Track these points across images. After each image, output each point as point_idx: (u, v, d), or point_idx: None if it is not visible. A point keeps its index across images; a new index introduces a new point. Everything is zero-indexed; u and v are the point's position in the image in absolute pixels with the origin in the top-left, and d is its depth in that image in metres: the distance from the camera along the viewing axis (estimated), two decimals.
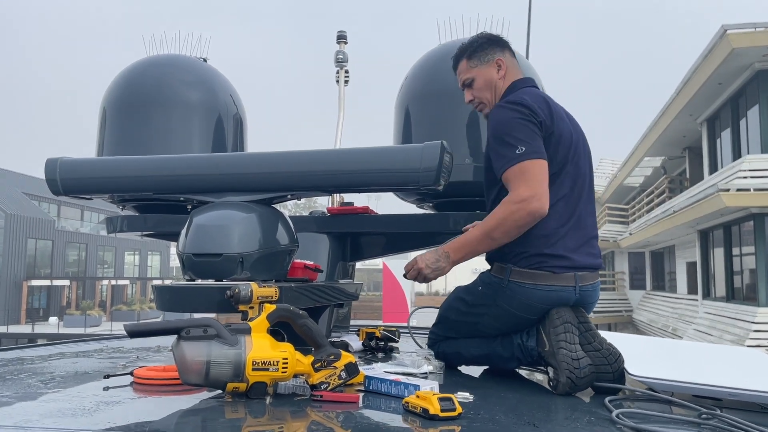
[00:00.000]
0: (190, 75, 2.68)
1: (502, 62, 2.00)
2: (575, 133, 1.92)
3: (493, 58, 2.00)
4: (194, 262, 1.74)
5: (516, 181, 1.76)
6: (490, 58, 2.00)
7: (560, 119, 1.87)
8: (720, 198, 12.79)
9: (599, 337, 1.73)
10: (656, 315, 20.77)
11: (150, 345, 2.44)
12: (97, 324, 27.66)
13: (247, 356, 1.36)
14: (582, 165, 1.90)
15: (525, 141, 1.78)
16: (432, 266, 1.86)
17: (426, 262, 1.87)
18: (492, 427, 1.22)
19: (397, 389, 1.45)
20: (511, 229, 1.76)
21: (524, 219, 1.74)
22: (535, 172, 1.76)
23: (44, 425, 1.16)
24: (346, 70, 3.27)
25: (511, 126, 1.80)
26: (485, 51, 2.01)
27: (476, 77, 2.00)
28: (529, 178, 1.75)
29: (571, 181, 1.85)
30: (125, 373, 1.65)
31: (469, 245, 1.83)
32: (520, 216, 1.74)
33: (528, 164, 1.76)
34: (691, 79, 14.75)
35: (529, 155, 1.76)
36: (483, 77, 2.00)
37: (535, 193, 1.73)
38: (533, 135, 1.79)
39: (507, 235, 1.77)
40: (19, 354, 2.25)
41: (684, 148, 20.09)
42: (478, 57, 2.01)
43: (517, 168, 1.76)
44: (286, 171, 1.89)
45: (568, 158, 1.85)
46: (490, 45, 2.02)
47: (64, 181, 1.99)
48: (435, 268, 1.86)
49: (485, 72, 2.00)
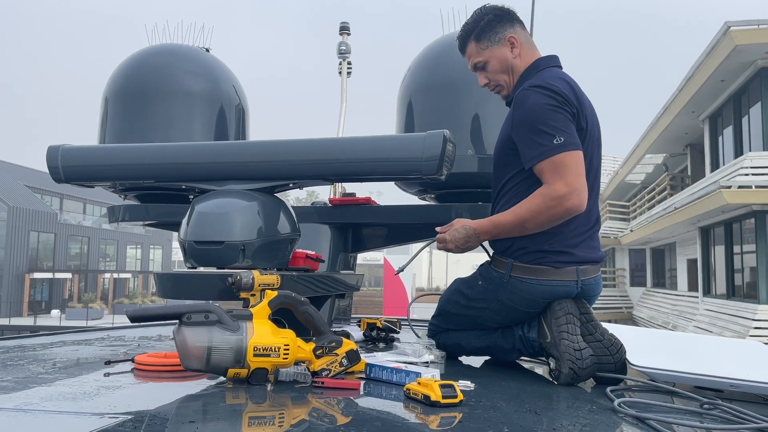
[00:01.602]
0: (192, 64, 2.67)
1: (515, 39, 1.88)
2: (596, 124, 1.86)
3: (504, 35, 1.88)
4: (196, 249, 1.74)
5: (553, 173, 1.69)
6: (501, 36, 1.88)
7: (587, 108, 1.80)
8: (721, 195, 12.77)
9: (601, 328, 1.72)
10: (656, 312, 20.77)
11: (151, 334, 2.44)
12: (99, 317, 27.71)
13: (248, 342, 1.36)
14: (595, 158, 1.85)
15: (562, 130, 1.69)
16: (461, 246, 1.85)
17: (456, 242, 1.85)
18: (493, 414, 1.22)
19: (398, 377, 1.45)
20: (545, 222, 1.72)
21: (560, 215, 1.70)
22: (573, 165, 1.69)
23: (45, 408, 1.16)
24: (348, 62, 3.26)
25: (546, 113, 1.70)
26: (494, 29, 1.88)
27: (489, 60, 1.89)
28: (567, 173, 1.68)
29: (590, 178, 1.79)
30: (126, 360, 1.65)
31: (498, 228, 1.79)
32: (556, 212, 1.69)
33: (567, 156, 1.68)
34: (694, 76, 14.72)
35: (567, 146, 1.68)
36: (497, 59, 1.88)
37: (574, 189, 1.67)
38: (569, 124, 1.71)
39: (539, 227, 1.73)
40: (20, 342, 2.25)
41: (686, 145, 20.06)
42: (487, 37, 1.89)
43: (554, 160, 1.68)
44: (288, 159, 1.88)
45: (588, 152, 1.78)
46: (498, 22, 1.89)
47: (65, 169, 1.98)
48: (463, 248, 1.85)
49: (498, 53, 1.88)
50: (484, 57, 1.91)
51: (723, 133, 15.96)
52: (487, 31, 1.89)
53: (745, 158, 13.22)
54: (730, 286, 15.31)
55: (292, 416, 1.21)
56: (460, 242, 1.85)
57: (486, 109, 2.40)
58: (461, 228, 1.85)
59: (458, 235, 1.85)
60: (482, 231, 1.82)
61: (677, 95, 16.10)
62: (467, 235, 1.83)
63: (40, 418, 1.09)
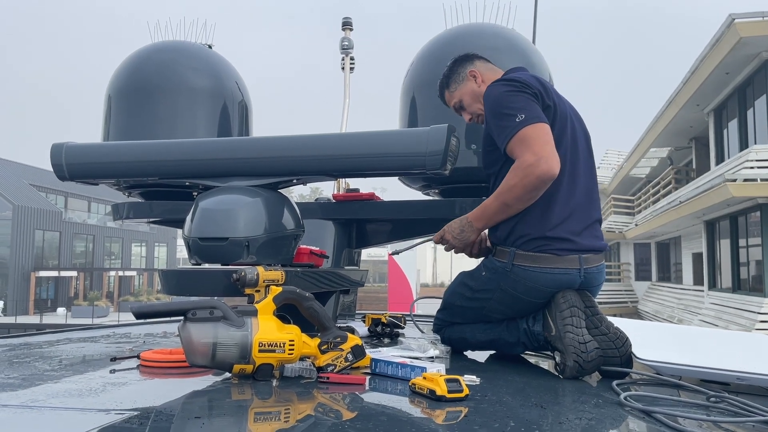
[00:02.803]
0: (196, 61, 2.67)
1: (476, 72, 2.05)
2: (572, 112, 1.94)
3: (465, 73, 2.06)
4: (200, 246, 1.74)
5: (520, 148, 1.75)
6: (463, 75, 2.07)
7: (555, 94, 1.90)
8: (726, 188, 12.73)
9: (606, 321, 1.72)
10: (662, 306, 20.74)
11: (156, 331, 2.45)
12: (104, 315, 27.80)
13: (253, 338, 1.36)
14: (580, 146, 1.89)
15: (523, 108, 1.78)
16: (458, 237, 1.92)
17: (452, 233, 1.93)
18: (499, 409, 1.22)
19: (403, 371, 1.44)
20: (523, 195, 1.75)
21: (533, 183, 1.73)
22: (537, 135, 1.75)
23: (51, 405, 1.17)
24: (351, 57, 3.26)
25: (505, 98, 1.82)
26: (456, 72, 2.08)
27: (462, 97, 2.07)
28: (533, 143, 1.74)
29: (570, 158, 1.84)
30: (132, 356, 1.66)
31: (486, 214, 1.85)
32: (529, 181, 1.73)
33: (529, 129, 1.75)
34: (699, 68, 14.65)
35: (529, 120, 1.76)
36: (466, 94, 2.06)
37: (540, 156, 1.72)
38: (530, 103, 1.80)
39: (521, 201, 1.77)
40: (26, 340, 2.26)
41: (691, 139, 19.99)
42: (453, 80, 2.09)
43: (519, 135, 1.76)
44: (291, 155, 1.88)
45: (566, 134, 1.85)
46: (457, 65, 2.09)
47: (70, 167, 1.98)
48: (461, 239, 1.91)
49: (465, 89, 2.06)
50: (456, 97, 2.10)
51: (728, 126, 15.90)
52: (451, 76, 2.10)
53: (750, 151, 13.17)
54: (735, 280, 15.27)
55: (298, 411, 1.21)
56: (456, 232, 1.92)
57: None
58: (455, 220, 1.94)
59: (453, 225, 1.93)
60: (473, 218, 1.89)
61: (682, 88, 16.04)
62: (461, 224, 1.91)
63: (46, 415, 1.09)
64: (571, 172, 1.84)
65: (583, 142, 1.92)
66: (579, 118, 1.96)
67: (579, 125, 1.94)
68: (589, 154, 1.94)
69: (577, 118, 1.95)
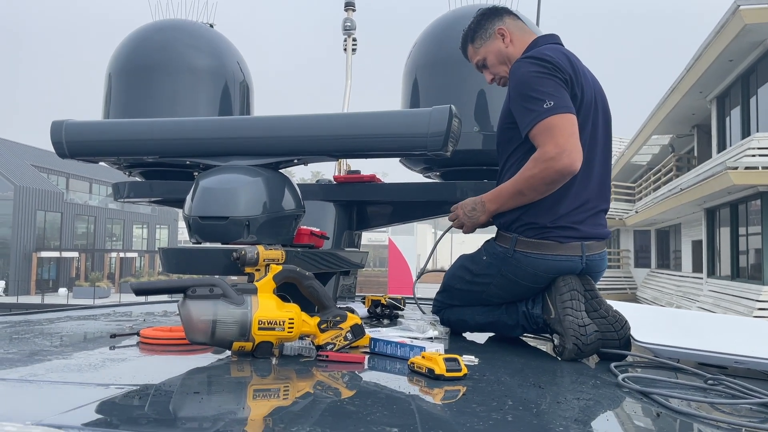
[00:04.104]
0: (197, 40, 2.65)
1: (504, 30, 1.96)
2: (598, 95, 1.87)
3: (494, 30, 1.97)
4: (200, 224, 1.74)
5: (543, 137, 1.70)
6: (490, 32, 1.97)
7: (584, 77, 1.82)
8: (728, 176, 12.70)
9: (605, 305, 1.72)
10: (660, 293, 20.79)
11: (156, 310, 2.45)
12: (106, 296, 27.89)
13: (253, 315, 1.36)
14: (599, 133, 1.84)
15: (552, 95, 1.72)
16: (468, 214, 1.90)
17: (464, 209, 1.92)
18: (497, 388, 1.22)
19: (402, 351, 1.45)
20: (540, 186, 1.73)
21: (552, 177, 1.70)
22: (563, 126, 1.70)
23: (50, 379, 1.17)
24: (353, 38, 3.23)
25: (535, 80, 1.74)
26: (483, 27, 1.98)
27: (486, 56, 1.98)
28: (557, 134, 1.69)
29: (588, 147, 1.79)
30: (132, 333, 1.66)
31: (501, 198, 1.83)
32: (547, 174, 1.70)
33: (556, 119, 1.70)
34: (702, 55, 14.56)
35: (557, 109, 1.70)
36: (492, 53, 1.97)
37: (563, 150, 1.68)
38: (559, 88, 1.74)
39: (537, 192, 1.74)
40: (27, 318, 2.26)
41: (693, 126, 19.92)
42: (479, 36, 1.99)
43: (544, 123, 1.70)
44: (292, 135, 1.87)
45: (588, 123, 1.80)
46: (486, 19, 1.99)
47: (70, 144, 1.98)
48: (470, 216, 1.90)
49: (491, 47, 1.97)
50: (480, 55, 2.00)
51: (730, 113, 15.83)
52: (478, 31, 2.00)
53: (752, 139, 13.12)
54: (734, 268, 15.29)
55: (297, 389, 1.22)
56: (467, 209, 1.91)
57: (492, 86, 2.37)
58: (469, 199, 1.93)
59: (467, 202, 1.92)
60: (487, 199, 1.86)
61: (685, 75, 15.95)
62: (474, 203, 1.90)
63: (44, 389, 1.10)
64: (587, 162, 1.79)
65: (602, 128, 1.86)
66: (603, 99, 1.89)
67: (602, 108, 1.87)
68: (607, 141, 1.89)
69: (600, 98, 1.88)
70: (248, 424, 0.95)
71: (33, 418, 0.85)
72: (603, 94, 1.91)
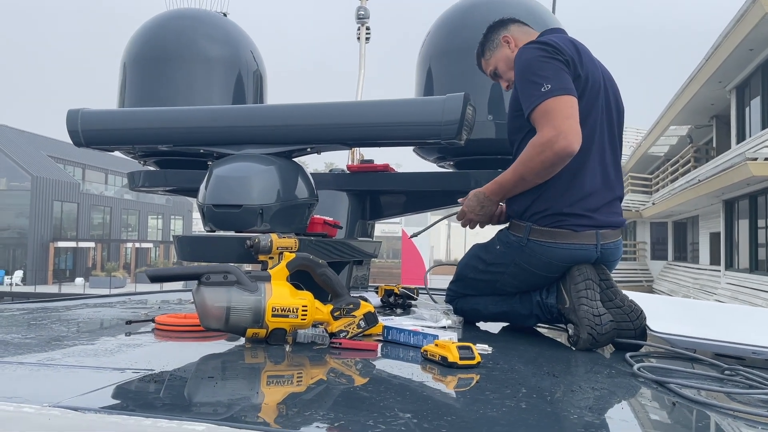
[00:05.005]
0: (211, 29, 2.65)
1: (509, 37, 2.00)
2: (608, 83, 1.86)
3: (499, 39, 2.01)
4: (214, 213, 1.74)
5: (541, 121, 1.71)
6: (497, 41, 2.02)
7: (590, 62, 1.82)
8: (747, 167, 12.51)
9: (621, 294, 1.71)
10: (677, 285, 20.62)
11: (171, 298, 2.47)
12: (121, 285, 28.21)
13: (267, 302, 1.36)
14: (610, 119, 1.83)
15: (550, 78, 1.72)
16: (480, 213, 1.91)
17: (473, 211, 1.91)
18: (511, 376, 1.22)
19: (415, 339, 1.45)
20: (539, 169, 1.72)
21: (551, 160, 1.69)
22: (560, 108, 1.69)
23: (67, 363, 1.18)
24: (367, 27, 3.21)
25: (535, 64, 1.75)
26: (490, 39, 2.03)
27: (497, 64, 2.02)
28: (554, 117, 1.69)
29: (598, 132, 1.79)
30: (147, 320, 1.67)
31: (504, 187, 1.83)
32: (546, 157, 1.69)
33: (552, 102, 1.70)
34: (722, 44, 14.33)
35: (554, 92, 1.70)
36: (501, 60, 2.01)
37: (560, 132, 1.67)
38: (558, 71, 1.73)
39: (538, 176, 1.74)
40: (44, 305, 2.29)
41: (712, 117, 19.65)
42: (488, 48, 2.04)
43: (542, 107, 1.71)
44: (306, 123, 1.87)
45: (596, 107, 1.79)
46: (492, 31, 2.04)
47: (85, 133, 1.99)
48: (483, 213, 1.90)
49: (499, 55, 2.01)
50: (492, 65, 2.04)
51: (750, 103, 15.58)
52: (486, 43, 2.05)
53: None
54: (753, 260, 15.10)
55: (310, 375, 1.22)
56: (476, 209, 1.90)
57: None
58: (473, 195, 1.91)
59: (472, 202, 1.91)
60: (490, 192, 1.86)
61: (704, 65, 15.72)
62: (479, 200, 1.89)
63: (62, 373, 1.11)
64: (599, 147, 1.78)
65: (614, 114, 1.85)
66: (614, 87, 1.89)
67: (612, 95, 1.86)
68: (619, 127, 1.88)
69: (611, 86, 1.87)
70: (263, 408, 0.96)
71: (51, 400, 0.86)
72: (614, 82, 1.91)
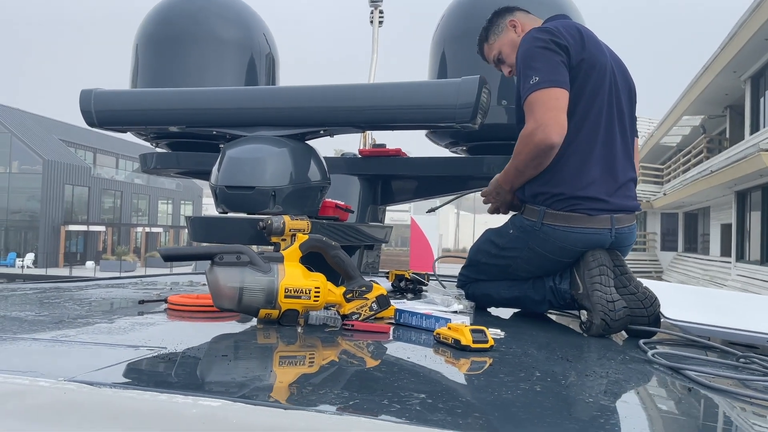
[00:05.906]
0: (224, 11, 2.64)
1: (515, 21, 1.99)
2: (618, 68, 1.85)
3: (505, 23, 2.00)
4: (227, 194, 1.74)
5: (527, 113, 1.74)
6: (502, 26, 2.00)
7: (595, 46, 1.81)
8: (761, 158, 12.41)
9: (635, 281, 1.69)
10: (687, 276, 20.52)
11: (183, 280, 2.48)
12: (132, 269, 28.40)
13: (279, 283, 1.36)
14: (620, 101, 1.83)
15: (540, 69, 1.73)
16: (496, 198, 1.94)
17: (491, 195, 1.95)
18: (525, 360, 1.21)
19: (428, 322, 1.44)
20: (527, 161, 1.75)
21: (533, 152, 1.72)
22: (543, 100, 1.71)
23: (81, 340, 1.19)
24: (380, 11, 3.19)
25: (530, 55, 1.77)
26: (496, 24, 2.02)
27: (501, 48, 2.00)
28: (536, 109, 1.71)
29: (606, 114, 1.78)
30: (160, 300, 1.68)
31: (508, 178, 1.86)
32: (528, 150, 1.72)
33: (537, 94, 1.71)
34: (737, 34, 14.16)
35: (540, 85, 1.71)
36: (505, 44, 1.99)
37: (539, 124, 1.69)
38: (549, 61, 1.74)
39: (529, 168, 1.77)
40: (57, 285, 2.30)
41: (725, 107, 19.46)
42: (492, 33, 2.03)
43: (528, 99, 1.73)
44: (319, 106, 1.86)
45: (603, 89, 1.78)
46: (497, 16, 2.03)
47: (98, 113, 1.98)
48: (499, 200, 1.94)
49: (504, 39, 1.99)
50: (495, 49, 2.03)
51: (765, 94, 15.41)
52: (491, 28, 2.03)
53: None
54: (765, 252, 15.00)
55: (323, 356, 1.22)
56: (494, 194, 1.94)
57: None
58: (492, 181, 1.94)
59: (490, 188, 1.95)
60: (501, 180, 1.89)
61: (718, 54, 15.54)
62: (495, 187, 1.93)
63: (76, 349, 1.11)
64: (607, 129, 1.77)
65: (625, 96, 1.85)
66: (623, 72, 1.88)
67: (622, 79, 1.85)
68: (631, 110, 1.87)
69: (620, 70, 1.86)
70: (277, 387, 0.96)
71: (66, 375, 0.86)
72: (624, 67, 1.90)
